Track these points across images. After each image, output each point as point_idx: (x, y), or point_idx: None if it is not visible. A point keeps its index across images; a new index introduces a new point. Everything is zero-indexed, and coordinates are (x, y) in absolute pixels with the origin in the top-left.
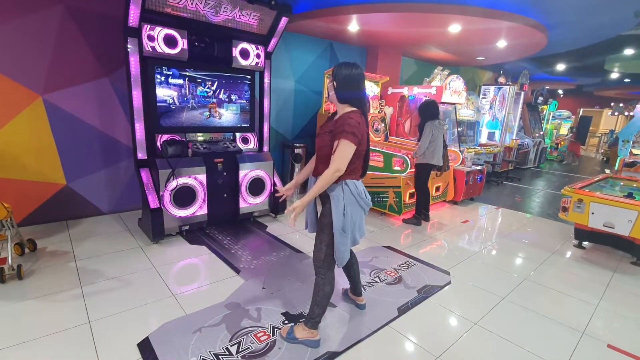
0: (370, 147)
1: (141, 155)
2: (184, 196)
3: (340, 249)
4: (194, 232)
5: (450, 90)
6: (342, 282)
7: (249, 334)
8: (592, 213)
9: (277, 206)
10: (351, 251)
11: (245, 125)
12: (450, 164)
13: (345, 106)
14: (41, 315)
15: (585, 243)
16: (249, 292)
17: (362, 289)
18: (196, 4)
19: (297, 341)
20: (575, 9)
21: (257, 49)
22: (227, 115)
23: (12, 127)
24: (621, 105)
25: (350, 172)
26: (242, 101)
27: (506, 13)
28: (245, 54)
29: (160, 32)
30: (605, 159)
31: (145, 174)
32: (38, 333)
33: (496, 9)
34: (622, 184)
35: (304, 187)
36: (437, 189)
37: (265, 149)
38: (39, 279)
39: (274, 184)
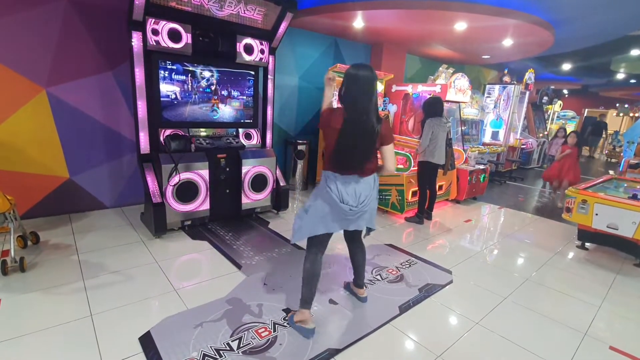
0: None
1: (144, 149)
2: (187, 191)
3: (295, 221)
4: (196, 227)
5: (455, 88)
6: (349, 275)
7: (250, 330)
8: (596, 214)
9: (279, 202)
10: (359, 241)
11: (249, 121)
12: (455, 163)
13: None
14: (43, 308)
15: (588, 244)
16: (251, 287)
17: (365, 286)
18: None
19: (294, 325)
20: (582, 7)
21: (262, 44)
22: (230, 111)
23: (16, 120)
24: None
25: (326, 162)
26: (245, 97)
27: (513, 11)
28: (249, 49)
29: (164, 26)
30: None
31: (148, 169)
32: (40, 326)
33: (503, 6)
34: (626, 185)
35: (305, 184)
36: (440, 187)
37: (268, 145)
38: (42, 271)
39: (277, 181)
